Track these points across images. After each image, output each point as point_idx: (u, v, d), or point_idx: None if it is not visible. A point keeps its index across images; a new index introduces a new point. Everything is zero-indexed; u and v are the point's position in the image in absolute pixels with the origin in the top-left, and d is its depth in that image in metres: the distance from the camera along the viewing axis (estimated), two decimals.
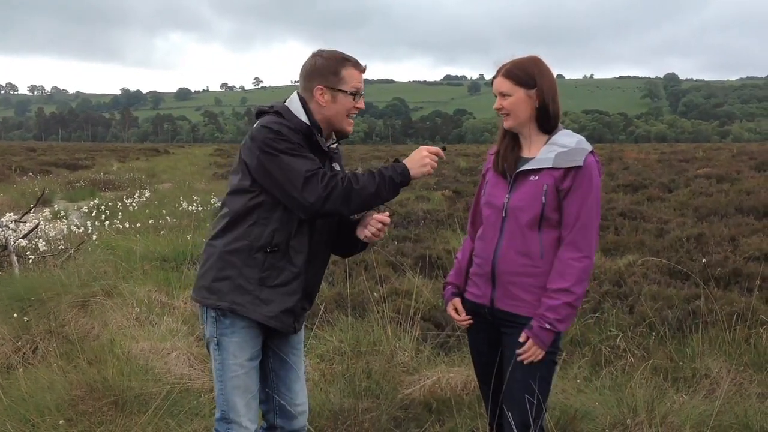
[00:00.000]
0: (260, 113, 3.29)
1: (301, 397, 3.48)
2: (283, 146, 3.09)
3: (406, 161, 3.15)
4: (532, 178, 3.13)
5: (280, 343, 3.39)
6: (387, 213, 3.30)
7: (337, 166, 3.34)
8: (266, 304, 3.16)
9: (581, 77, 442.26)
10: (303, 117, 3.23)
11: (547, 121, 3.19)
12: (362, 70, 3.30)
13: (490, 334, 3.30)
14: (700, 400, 4.51)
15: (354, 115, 3.32)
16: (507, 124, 3.22)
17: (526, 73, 3.14)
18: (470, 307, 3.36)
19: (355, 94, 3.25)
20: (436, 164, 3.16)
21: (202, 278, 3.27)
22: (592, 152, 3.11)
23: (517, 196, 3.15)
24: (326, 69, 3.25)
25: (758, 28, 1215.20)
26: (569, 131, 3.21)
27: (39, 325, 6.09)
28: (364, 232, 3.28)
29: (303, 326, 3.49)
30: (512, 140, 3.27)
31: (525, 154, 3.23)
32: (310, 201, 3.05)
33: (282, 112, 3.22)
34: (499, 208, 3.20)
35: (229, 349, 3.21)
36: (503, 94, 3.18)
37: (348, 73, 3.24)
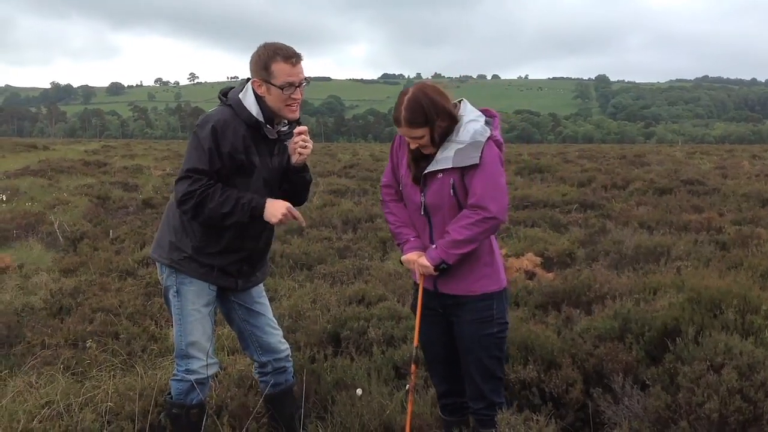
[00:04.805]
0: (222, 95, 3.70)
1: (276, 335, 4.02)
2: (200, 137, 3.53)
3: (270, 203, 3.56)
4: (439, 176, 3.44)
5: (243, 297, 3.92)
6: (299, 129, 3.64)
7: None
8: (201, 266, 3.71)
9: (516, 77, 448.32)
10: (254, 109, 3.58)
11: (446, 134, 3.44)
12: (293, 63, 3.51)
13: (439, 321, 3.68)
14: None
15: (293, 104, 3.59)
16: (426, 151, 3.48)
17: (423, 115, 3.37)
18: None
19: (284, 87, 3.51)
20: (285, 220, 3.57)
21: (157, 238, 3.88)
22: (489, 138, 3.40)
23: (430, 194, 3.48)
24: (258, 63, 3.53)
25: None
26: (467, 120, 3.45)
27: None
28: (296, 160, 3.69)
29: (260, 279, 3.98)
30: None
31: (429, 151, 3.51)
32: (176, 195, 3.56)
33: (234, 106, 3.59)
34: (418, 205, 3.54)
35: (187, 297, 3.73)
36: (414, 138, 3.44)
37: (277, 67, 3.49)
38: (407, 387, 3.79)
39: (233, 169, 3.58)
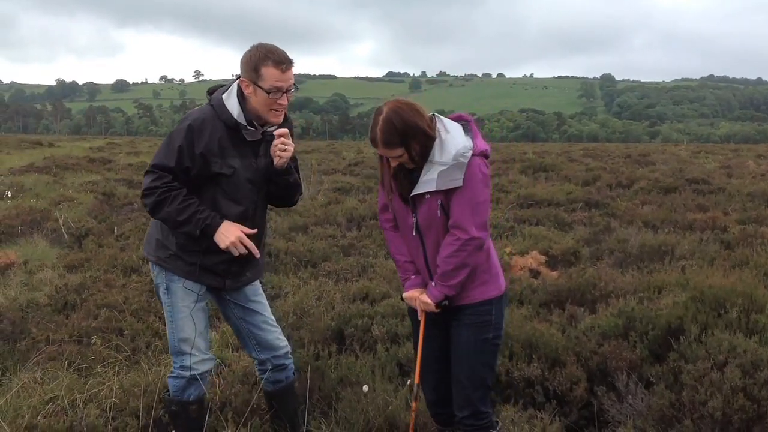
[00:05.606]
0: (209, 93, 3.73)
1: (273, 332, 3.99)
2: (174, 133, 3.54)
3: (224, 224, 3.54)
4: (426, 197, 3.43)
5: (237, 296, 3.90)
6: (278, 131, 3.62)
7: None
8: (187, 264, 3.70)
9: (521, 76, 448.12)
10: (236, 111, 3.55)
11: (426, 152, 3.40)
12: (284, 69, 3.46)
13: (434, 326, 3.65)
14: None
15: (279, 109, 3.55)
16: (409, 166, 3.46)
17: (399, 136, 3.33)
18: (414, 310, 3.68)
19: (271, 92, 3.47)
20: (238, 248, 3.54)
21: (147, 236, 3.90)
22: (472, 156, 3.36)
23: (421, 215, 3.47)
24: (249, 64, 3.49)
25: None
26: (446, 136, 3.40)
27: None
28: (276, 162, 3.66)
29: (250, 279, 3.89)
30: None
31: (415, 170, 3.49)
32: (142, 188, 3.56)
33: (215, 107, 3.59)
34: (411, 227, 3.53)
35: (177, 294, 3.73)
36: (393, 157, 3.42)
37: (266, 71, 3.45)
38: (410, 386, 3.78)
39: (209, 171, 3.56)
